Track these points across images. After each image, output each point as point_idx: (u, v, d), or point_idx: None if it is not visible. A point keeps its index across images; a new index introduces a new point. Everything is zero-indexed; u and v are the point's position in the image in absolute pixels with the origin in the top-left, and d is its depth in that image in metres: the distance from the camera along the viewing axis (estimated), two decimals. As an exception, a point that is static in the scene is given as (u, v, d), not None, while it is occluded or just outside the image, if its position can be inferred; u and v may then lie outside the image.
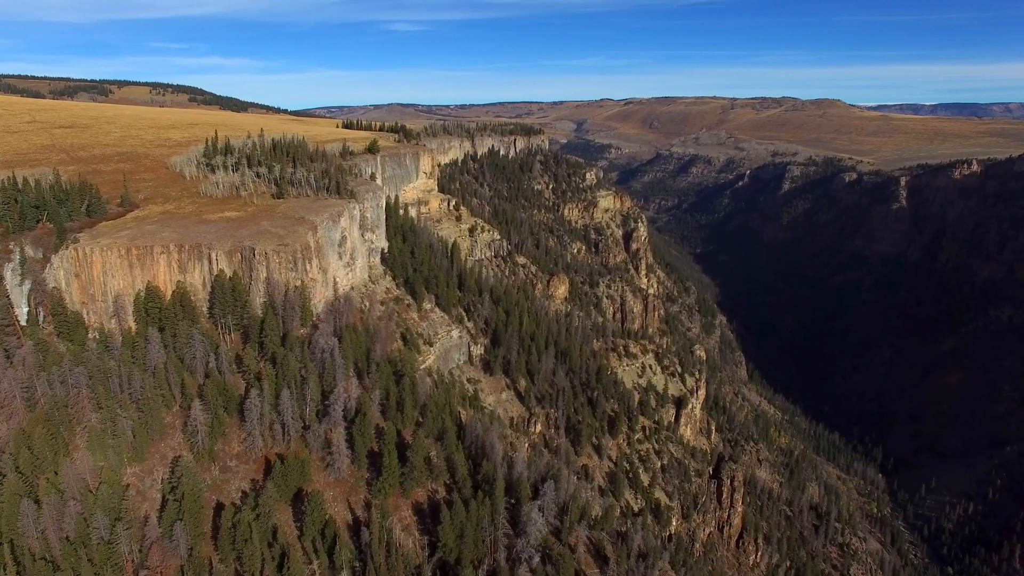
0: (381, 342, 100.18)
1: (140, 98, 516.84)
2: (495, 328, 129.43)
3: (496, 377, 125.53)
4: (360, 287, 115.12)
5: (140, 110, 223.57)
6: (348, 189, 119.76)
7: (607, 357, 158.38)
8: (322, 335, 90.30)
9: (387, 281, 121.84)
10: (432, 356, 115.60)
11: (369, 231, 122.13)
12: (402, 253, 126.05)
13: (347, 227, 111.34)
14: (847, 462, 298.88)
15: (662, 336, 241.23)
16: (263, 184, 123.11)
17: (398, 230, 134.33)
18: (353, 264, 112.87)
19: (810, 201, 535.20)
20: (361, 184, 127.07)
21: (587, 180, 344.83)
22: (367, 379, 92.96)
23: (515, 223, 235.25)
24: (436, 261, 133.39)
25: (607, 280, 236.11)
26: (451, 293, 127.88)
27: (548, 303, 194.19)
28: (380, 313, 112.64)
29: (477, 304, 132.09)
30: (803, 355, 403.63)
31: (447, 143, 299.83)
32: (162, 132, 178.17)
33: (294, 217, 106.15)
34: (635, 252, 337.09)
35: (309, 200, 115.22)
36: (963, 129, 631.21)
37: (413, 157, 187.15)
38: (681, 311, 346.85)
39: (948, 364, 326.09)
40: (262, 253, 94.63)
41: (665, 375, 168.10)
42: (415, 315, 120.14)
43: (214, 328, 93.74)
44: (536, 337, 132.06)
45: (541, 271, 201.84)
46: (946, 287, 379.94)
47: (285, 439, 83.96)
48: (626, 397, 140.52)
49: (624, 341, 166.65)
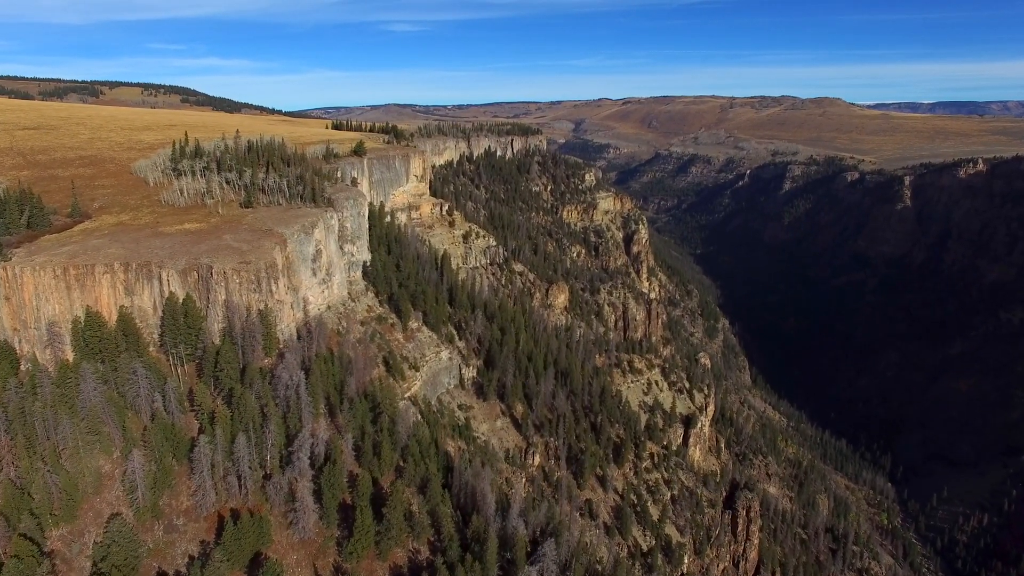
0: (358, 372, 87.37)
1: (131, 99, 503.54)
2: (489, 348, 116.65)
3: (490, 403, 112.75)
4: (338, 306, 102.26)
5: (117, 110, 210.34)
6: (325, 196, 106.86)
7: (610, 374, 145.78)
8: (287, 367, 77.40)
9: (369, 298, 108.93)
10: (418, 382, 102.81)
11: (349, 242, 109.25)
12: (386, 266, 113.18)
13: (322, 239, 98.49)
14: (855, 471, 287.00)
15: (666, 345, 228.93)
16: (232, 191, 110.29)
17: (383, 240, 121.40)
18: (329, 281, 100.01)
19: (811, 201, 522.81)
20: (341, 190, 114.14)
21: (586, 181, 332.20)
22: (340, 417, 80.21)
23: (512, 227, 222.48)
24: (424, 274, 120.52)
25: (608, 287, 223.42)
26: (440, 309, 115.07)
27: (547, 313, 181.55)
28: (360, 335, 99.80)
29: (469, 321, 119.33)
30: (806, 358, 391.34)
31: (442, 144, 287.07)
32: (135, 134, 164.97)
33: (261, 229, 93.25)
34: (636, 255, 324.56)
35: (280, 209, 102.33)
36: (964, 127, 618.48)
37: (403, 159, 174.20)
38: (683, 315, 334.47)
39: (957, 369, 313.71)
40: (220, 272, 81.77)
41: (672, 392, 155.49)
42: (400, 335, 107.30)
43: (166, 359, 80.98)
44: (534, 357, 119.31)
45: (539, 279, 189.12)
46: (953, 289, 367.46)
47: (242, 492, 71.11)
48: (632, 420, 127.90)
49: (628, 356, 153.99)
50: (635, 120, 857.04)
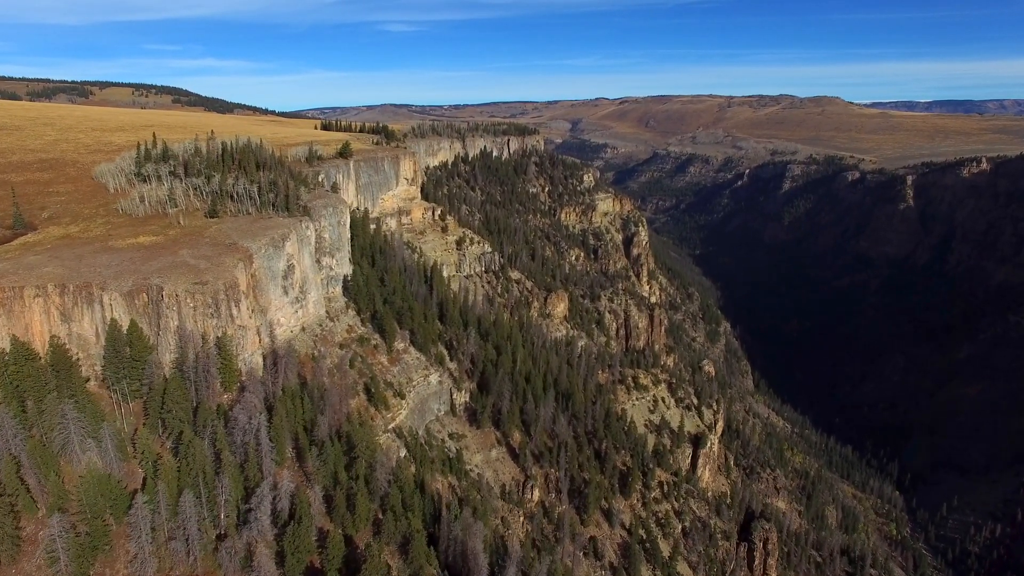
0: (333, 406, 76.01)
1: (122, 100, 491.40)
2: (483, 369, 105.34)
3: (485, 430, 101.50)
4: (313, 327, 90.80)
5: (91, 110, 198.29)
6: (301, 204, 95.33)
7: (614, 392, 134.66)
8: (246, 406, 65.98)
9: (349, 317, 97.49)
10: (404, 411, 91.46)
11: (327, 255, 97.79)
12: (370, 280, 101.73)
13: (295, 253, 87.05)
14: (863, 479, 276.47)
15: (668, 353, 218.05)
16: (200, 199, 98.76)
17: (366, 251, 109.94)
18: (303, 299, 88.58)
19: (812, 201, 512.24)
20: (319, 197, 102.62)
21: (585, 182, 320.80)
22: (310, 463, 68.94)
23: (508, 231, 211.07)
24: (412, 288, 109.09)
25: (609, 293, 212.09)
26: (430, 327, 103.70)
27: (546, 324, 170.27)
28: (338, 360, 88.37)
29: (462, 339, 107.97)
30: (809, 361, 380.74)
31: (436, 145, 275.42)
32: (106, 135, 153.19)
33: (224, 243, 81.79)
34: (636, 258, 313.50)
35: (249, 219, 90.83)
36: (964, 126, 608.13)
37: (392, 161, 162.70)
38: (685, 319, 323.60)
39: (966, 373, 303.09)
40: (172, 295, 70.31)
41: (680, 409, 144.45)
42: (384, 359, 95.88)
43: (109, 396, 69.55)
44: (533, 378, 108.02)
45: (537, 287, 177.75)
46: (959, 291, 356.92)
47: (189, 558, 59.75)
48: (639, 445, 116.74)
49: (633, 371, 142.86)
50: (632, 119, 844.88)
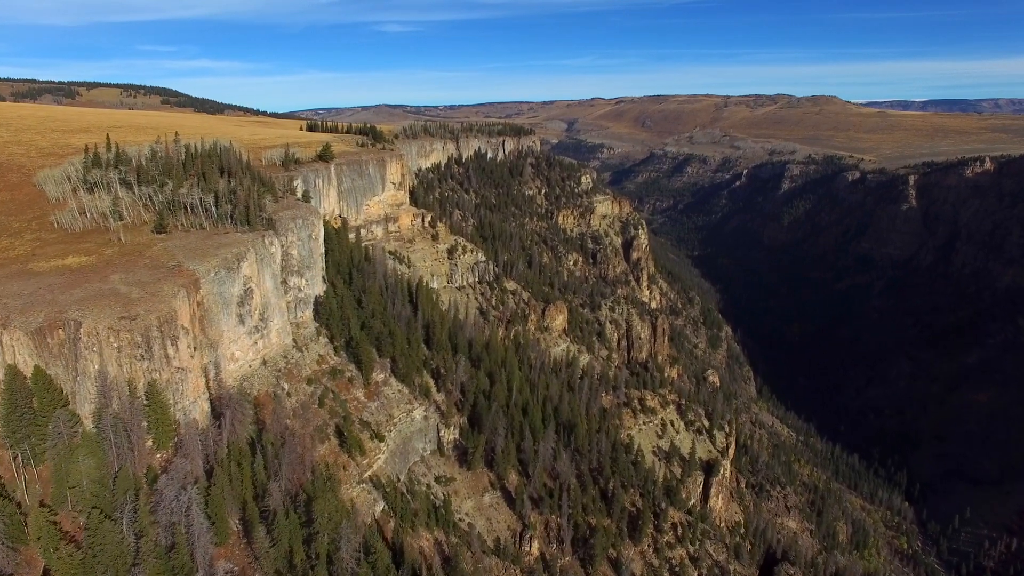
0: (294, 459, 62.84)
1: (110, 100, 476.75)
2: (475, 401, 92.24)
3: (476, 472, 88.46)
4: (277, 360, 77.56)
5: (56, 110, 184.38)
6: (264, 216, 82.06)
7: (620, 416, 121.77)
8: (175, 475, 52.84)
9: (320, 345, 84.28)
10: (382, 456, 78.34)
11: (295, 275, 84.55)
12: (345, 302, 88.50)
13: (254, 275, 73.84)
14: (871, 490, 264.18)
15: (672, 364, 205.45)
16: (150, 210, 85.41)
17: (343, 267, 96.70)
18: (264, 328, 75.35)
19: (811, 201, 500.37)
20: (287, 207, 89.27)
21: (582, 184, 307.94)
22: (258, 541, 55.84)
23: (503, 238, 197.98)
24: (394, 309, 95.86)
25: (610, 302, 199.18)
26: (414, 354, 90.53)
27: (544, 338, 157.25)
28: (305, 398, 75.18)
29: (451, 366, 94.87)
30: (812, 365, 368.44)
31: (428, 146, 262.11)
32: (65, 137, 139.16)
33: (165, 265, 68.54)
34: (636, 262, 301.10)
35: (202, 235, 77.53)
36: (963, 125, 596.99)
37: (378, 164, 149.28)
38: (686, 325, 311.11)
39: (975, 379, 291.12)
40: (92, 332, 57.09)
41: (691, 433, 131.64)
42: (360, 393, 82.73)
43: (10, 461, 56.28)
44: (530, 409, 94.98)
45: (535, 298, 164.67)
46: (964, 293, 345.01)
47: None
48: (649, 480, 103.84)
49: (640, 393, 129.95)
50: (629, 119, 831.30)
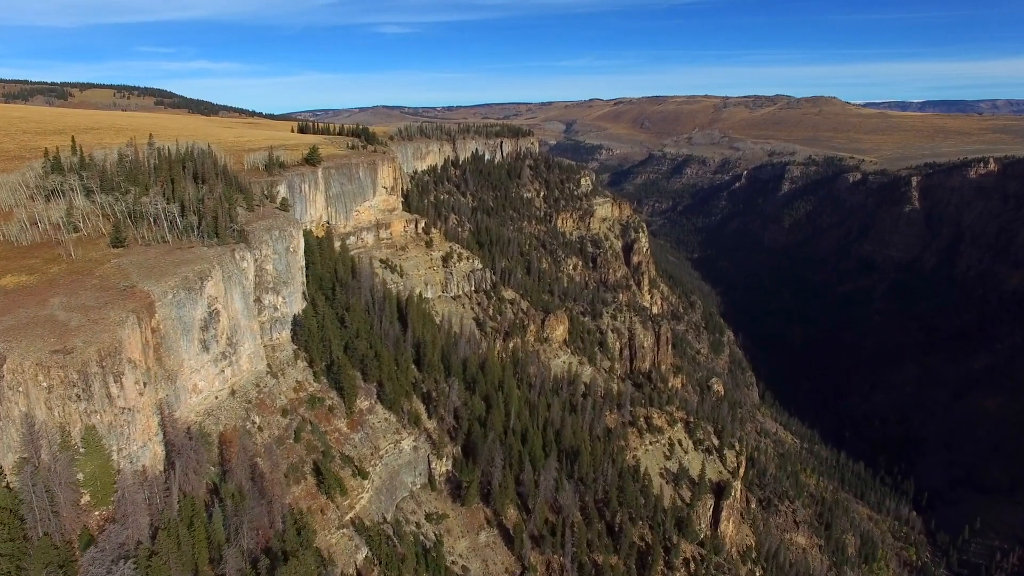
0: (258, 514, 54.21)
1: (102, 101, 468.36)
2: (469, 428, 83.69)
3: (471, 507, 79.96)
4: (248, 389, 68.92)
5: (35, 111, 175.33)
6: (235, 228, 73.47)
7: (625, 436, 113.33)
8: (106, 548, 44.25)
9: (298, 370, 75.66)
10: (366, 495, 69.78)
11: (271, 292, 75.98)
12: (327, 321, 79.92)
13: (220, 294, 65.29)
14: (878, 499, 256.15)
15: (676, 374, 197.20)
16: (111, 221, 76.82)
17: (326, 282, 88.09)
18: (232, 354, 66.74)
19: (812, 203, 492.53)
20: (262, 217, 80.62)
21: (582, 186, 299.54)
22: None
23: (501, 243, 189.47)
24: (382, 327, 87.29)
25: (612, 309, 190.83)
26: (403, 377, 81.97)
27: (543, 350, 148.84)
28: (279, 432, 66.61)
29: (443, 390, 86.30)
30: (815, 370, 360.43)
31: (424, 148, 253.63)
32: (37, 140, 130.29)
33: (116, 286, 59.94)
34: (636, 266, 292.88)
35: (163, 250, 68.93)
36: (964, 126, 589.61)
37: (369, 168, 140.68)
38: (688, 330, 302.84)
39: (984, 385, 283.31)
40: (17, 369, 48.62)
41: (700, 452, 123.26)
42: (342, 423, 74.16)
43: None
44: (530, 436, 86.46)
45: (534, 307, 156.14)
46: (970, 296, 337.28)
47: None
48: (659, 512, 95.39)
49: (646, 411, 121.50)
50: (627, 120, 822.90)
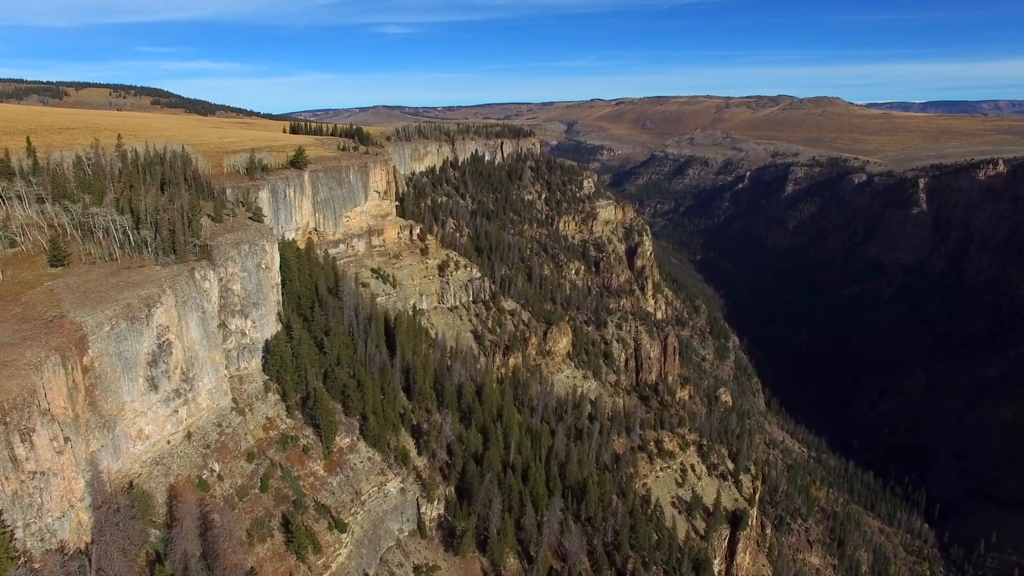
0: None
1: (98, 101, 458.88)
2: (464, 466, 73.95)
3: (466, 558, 70.18)
4: (207, 430, 59.18)
5: (11, 109, 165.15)
6: (196, 242, 63.78)
7: (635, 463, 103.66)
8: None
9: (269, 404, 65.89)
10: (345, 550, 60.07)
11: (238, 315, 66.27)
12: (303, 345, 70.16)
13: (173, 322, 55.62)
14: (889, 510, 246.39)
15: (683, 386, 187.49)
16: (54, 234, 67.08)
17: (304, 300, 78.31)
18: (189, 391, 57.01)
19: (817, 204, 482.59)
20: (231, 230, 70.80)
21: (584, 188, 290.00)
22: None
23: (501, 249, 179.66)
24: (366, 351, 77.54)
25: (616, 318, 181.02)
26: (389, 409, 72.22)
27: (546, 364, 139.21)
28: (244, 480, 56.90)
29: (436, 424, 76.59)
30: (821, 375, 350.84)
31: (423, 148, 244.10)
32: (3, 140, 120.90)
33: (42, 316, 50.24)
34: (640, 270, 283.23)
35: (109, 269, 59.26)
36: (968, 127, 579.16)
37: (360, 171, 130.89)
38: (692, 336, 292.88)
39: (998, 393, 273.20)
40: (-99, 428, 39.08)
41: (714, 479, 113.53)
42: (318, 466, 64.43)
43: None
44: (533, 474, 76.76)
45: (535, 318, 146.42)
46: (981, 301, 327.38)
47: None
48: (674, 548, 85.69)
49: (656, 434, 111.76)
50: (629, 121, 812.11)
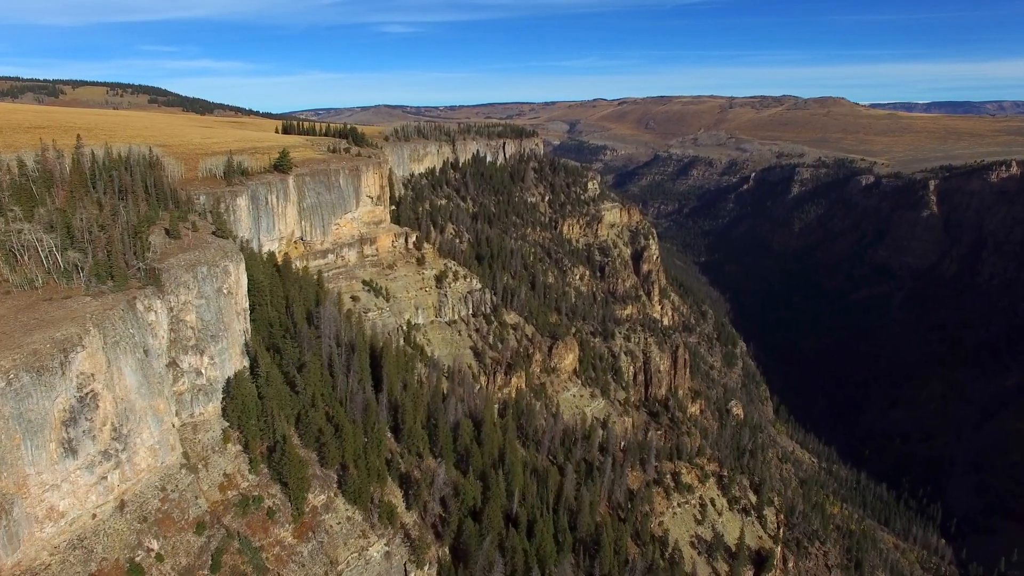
0: None
1: (95, 99, 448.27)
2: (460, 523, 62.95)
3: (461, 635, 59.43)
4: (147, 496, 48.21)
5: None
6: (140, 265, 52.87)
7: (651, 499, 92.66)
8: None
9: (228, 457, 54.94)
10: (313, 642, 49.10)
11: (193, 352, 55.29)
12: (271, 385, 59.18)
13: (100, 369, 44.72)
14: (904, 525, 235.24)
15: (694, 400, 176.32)
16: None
17: (276, 329, 67.21)
18: (123, 451, 46.00)
19: (823, 206, 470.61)
20: (188, 248, 59.75)
21: (589, 190, 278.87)
22: None
23: (503, 256, 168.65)
24: (348, 386, 66.49)
25: (624, 329, 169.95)
26: (373, 457, 61.18)
27: (551, 382, 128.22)
28: (189, 562, 45.96)
29: (429, 466, 65.63)
30: (830, 382, 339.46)
31: (422, 149, 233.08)
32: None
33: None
34: (646, 275, 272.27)
35: (25, 300, 48.15)
36: (976, 127, 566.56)
37: (351, 175, 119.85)
38: (700, 342, 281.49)
39: (1017, 404, 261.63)
40: None
41: (736, 514, 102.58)
42: (286, 532, 53.48)
43: None
44: (539, 528, 65.76)
45: (539, 332, 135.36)
46: (995, 307, 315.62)
47: None
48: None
49: (673, 465, 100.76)
50: (632, 121, 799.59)
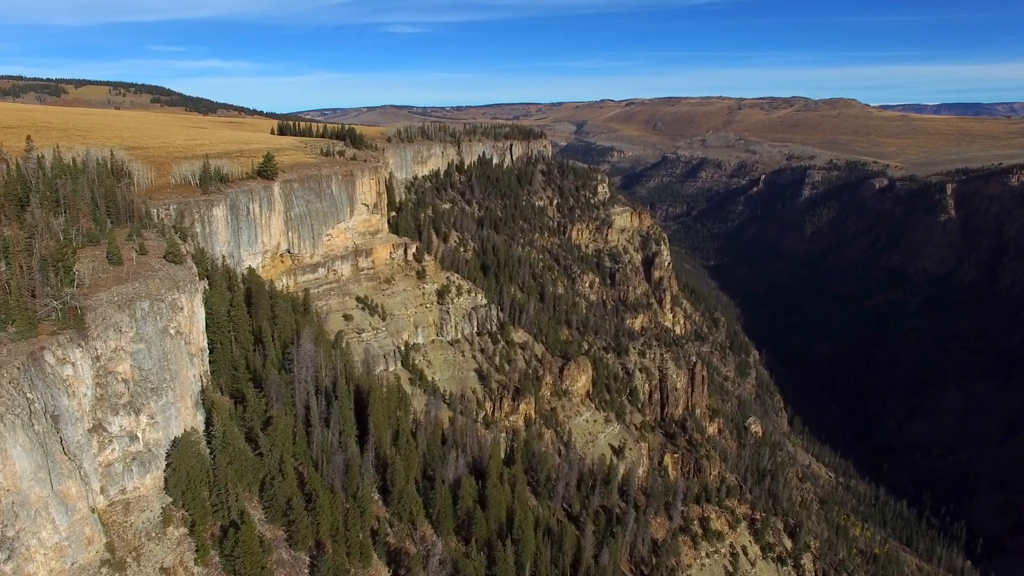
0: None
1: (97, 99, 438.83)
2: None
3: None
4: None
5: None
6: (57, 304, 41.26)
7: (677, 550, 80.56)
8: None
9: (168, 546, 42.69)
10: None
11: (125, 411, 43.59)
12: (224, 454, 47.44)
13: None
14: (927, 545, 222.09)
15: (712, 419, 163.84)
16: None
17: (241, 372, 55.48)
18: (7, 563, 34.58)
19: (835, 209, 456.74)
20: (128, 279, 48.12)
21: (599, 194, 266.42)
22: None
23: (510, 265, 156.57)
24: (326, 440, 54.66)
25: (639, 345, 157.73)
26: (356, 529, 49.27)
27: (562, 406, 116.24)
28: None
29: (424, 536, 53.78)
30: (845, 392, 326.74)
31: (426, 151, 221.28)
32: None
33: None
34: (658, 282, 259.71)
35: None
36: (990, 129, 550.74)
37: (344, 180, 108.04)
38: (712, 352, 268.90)
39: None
40: None
41: (771, 563, 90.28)
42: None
43: None
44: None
45: (550, 352, 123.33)
46: (1018, 316, 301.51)
47: None
48: None
49: (700, 509, 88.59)
50: (639, 122, 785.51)
